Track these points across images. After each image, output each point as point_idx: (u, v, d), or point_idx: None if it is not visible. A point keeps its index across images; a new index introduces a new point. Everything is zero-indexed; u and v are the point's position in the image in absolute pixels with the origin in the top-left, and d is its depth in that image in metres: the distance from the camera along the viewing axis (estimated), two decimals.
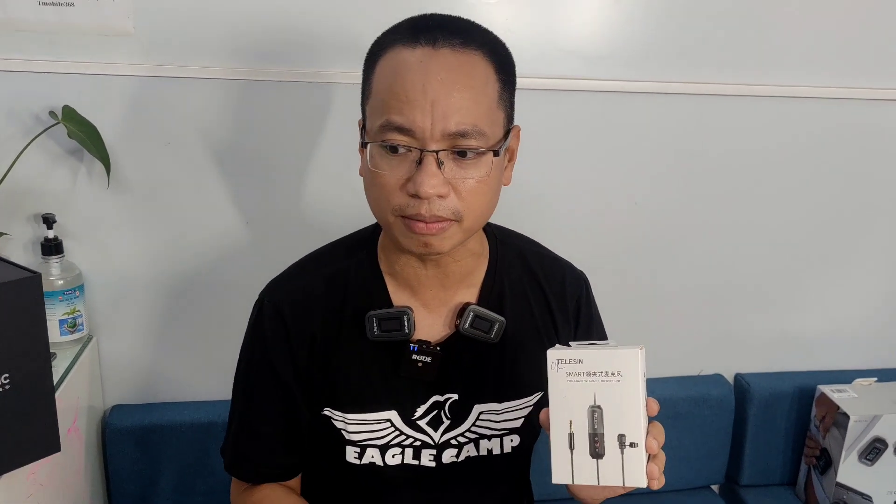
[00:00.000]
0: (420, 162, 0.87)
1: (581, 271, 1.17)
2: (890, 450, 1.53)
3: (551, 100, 1.48)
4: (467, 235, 0.95)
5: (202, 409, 1.51)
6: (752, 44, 1.51)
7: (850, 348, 1.76)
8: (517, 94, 1.44)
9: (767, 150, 1.59)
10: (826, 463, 1.58)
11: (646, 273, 1.65)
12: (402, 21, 0.94)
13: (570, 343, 0.88)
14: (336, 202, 1.45)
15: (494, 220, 1.13)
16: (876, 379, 1.63)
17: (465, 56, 0.90)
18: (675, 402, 1.62)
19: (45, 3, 1.28)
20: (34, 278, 0.96)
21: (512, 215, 1.36)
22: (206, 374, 1.53)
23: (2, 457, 0.97)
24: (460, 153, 0.88)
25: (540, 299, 1.10)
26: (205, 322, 1.50)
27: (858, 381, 1.62)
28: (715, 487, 1.77)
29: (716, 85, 1.51)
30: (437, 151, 0.87)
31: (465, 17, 0.95)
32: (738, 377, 1.72)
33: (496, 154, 0.91)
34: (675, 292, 1.67)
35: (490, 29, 0.96)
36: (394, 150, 0.88)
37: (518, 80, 1.45)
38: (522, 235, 1.16)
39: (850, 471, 1.54)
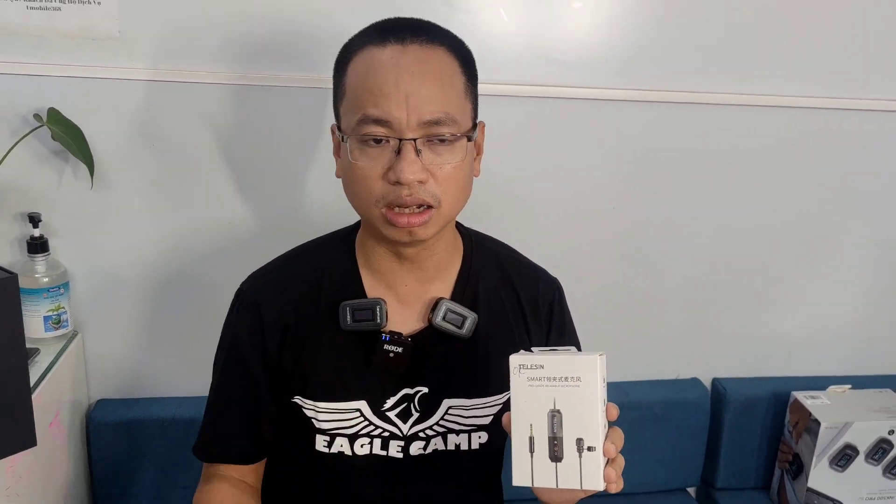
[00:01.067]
0: (399, 151, 0.92)
1: (555, 277, 1.20)
2: (861, 457, 1.55)
3: (532, 106, 1.51)
4: (446, 222, 1.00)
5: (185, 404, 1.54)
6: (730, 54, 1.53)
7: (827, 355, 1.78)
8: (498, 99, 1.49)
9: (744, 157, 1.61)
10: (798, 468, 1.60)
11: (624, 277, 1.67)
12: (367, 26, 0.99)
13: (532, 349, 0.90)
14: (319, 204, 1.49)
15: (476, 222, 1.19)
16: (850, 386, 1.65)
17: (432, 51, 0.96)
18: (649, 404, 1.65)
19: (32, 7, 1.31)
20: (11, 279, 0.98)
21: (491, 216, 1.39)
22: (189, 371, 1.56)
23: None
24: (440, 139, 0.94)
25: (513, 302, 1.13)
26: (188, 320, 1.53)
27: (833, 388, 1.64)
28: (691, 489, 1.79)
29: (692, 93, 1.54)
30: (414, 140, 0.92)
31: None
32: (715, 381, 1.74)
33: (469, 139, 0.97)
34: (653, 297, 1.69)
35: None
36: (377, 141, 0.93)
37: (500, 86, 1.50)
38: (499, 241, 1.20)
39: (820, 476, 1.56)
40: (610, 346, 1.70)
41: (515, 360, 0.87)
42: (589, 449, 0.84)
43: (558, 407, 0.85)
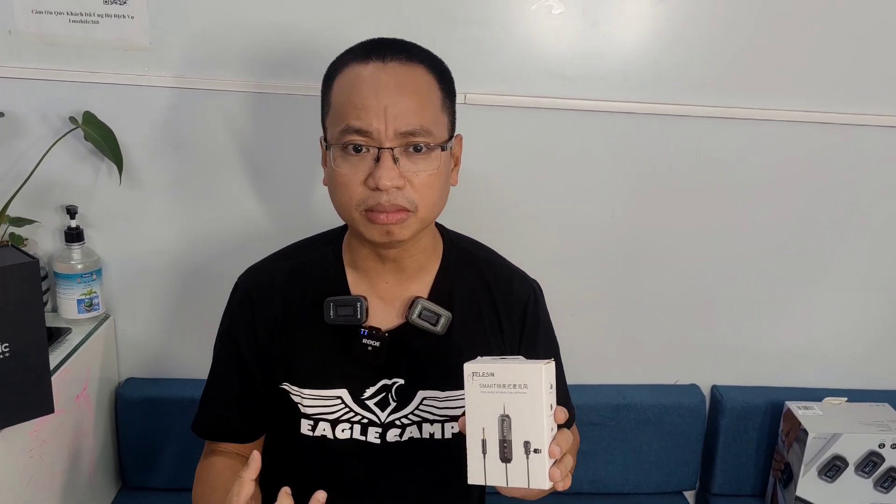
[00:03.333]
0: (378, 159, 1.01)
1: (533, 280, 1.27)
2: (850, 469, 1.57)
3: (533, 117, 1.57)
4: (423, 226, 1.08)
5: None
6: (726, 68, 1.56)
7: (827, 368, 1.79)
8: (498, 110, 1.55)
9: (746, 170, 1.64)
10: (788, 477, 1.62)
11: (627, 286, 1.72)
12: (353, 45, 1.09)
13: (486, 357, 0.98)
14: (326, 203, 1.56)
15: (477, 229, 1.27)
16: (846, 399, 1.66)
17: (411, 68, 1.04)
18: (644, 408, 1.70)
19: (74, 21, 1.45)
20: (32, 263, 1.12)
21: (493, 224, 1.47)
22: (210, 355, 1.68)
23: (1, 413, 1.14)
24: (415, 148, 1.02)
25: (488, 302, 1.21)
26: (208, 307, 1.63)
27: (828, 399, 1.66)
28: (689, 494, 1.82)
29: (689, 106, 1.57)
30: (391, 148, 1.01)
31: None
32: (714, 388, 1.78)
33: (443, 149, 1.05)
34: (656, 305, 1.74)
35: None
36: (356, 149, 1.02)
37: (500, 97, 1.56)
38: (481, 244, 1.28)
39: (809, 486, 1.58)
40: (612, 350, 1.78)
41: (469, 367, 0.94)
42: (535, 451, 0.91)
43: (507, 412, 0.92)
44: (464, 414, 0.95)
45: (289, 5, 1.47)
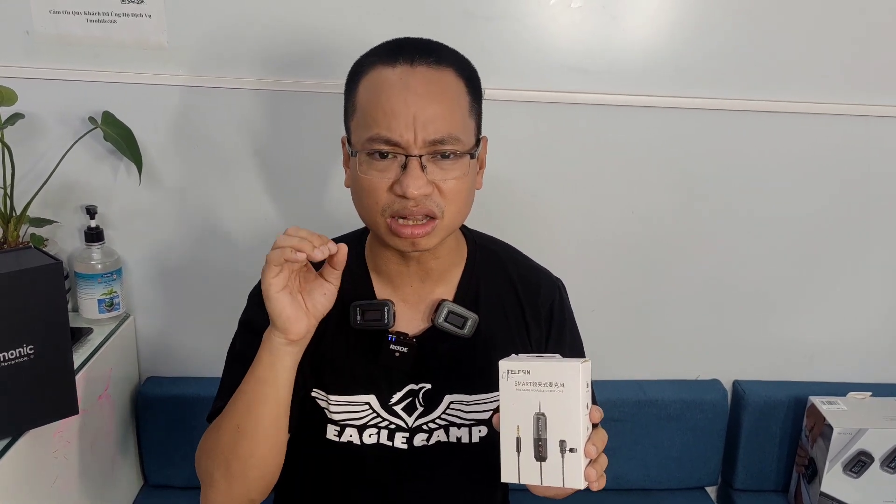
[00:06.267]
0: (405, 167, 0.99)
1: (557, 278, 1.25)
2: (876, 464, 1.55)
3: (553, 112, 1.56)
4: (448, 232, 1.06)
5: None
6: (749, 60, 1.54)
7: (850, 362, 1.77)
8: (523, 105, 1.55)
9: (767, 163, 1.62)
10: (812, 472, 1.61)
11: (649, 281, 1.71)
12: (378, 45, 1.06)
13: (521, 354, 0.96)
14: (344, 201, 1.56)
15: (497, 228, 1.26)
16: (871, 393, 1.64)
17: (439, 73, 1.01)
18: (666, 404, 1.68)
19: (91, 21, 1.45)
20: (56, 265, 1.12)
21: (514, 222, 1.46)
22: None
23: (26, 415, 1.15)
24: (443, 155, 1.00)
25: (514, 302, 1.19)
26: (230, 304, 1.63)
27: (852, 394, 1.64)
28: (711, 489, 1.81)
29: (711, 100, 1.55)
30: (419, 156, 0.99)
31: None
32: (736, 384, 1.76)
33: (472, 157, 1.03)
34: (677, 300, 1.72)
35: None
36: (382, 156, 1.00)
37: (522, 92, 1.56)
38: (502, 242, 1.26)
39: (834, 481, 1.57)
40: (633, 346, 1.77)
41: (504, 365, 0.92)
42: (571, 450, 0.90)
43: (543, 410, 0.90)
44: (497, 411, 0.94)
45: (305, 3, 1.47)
